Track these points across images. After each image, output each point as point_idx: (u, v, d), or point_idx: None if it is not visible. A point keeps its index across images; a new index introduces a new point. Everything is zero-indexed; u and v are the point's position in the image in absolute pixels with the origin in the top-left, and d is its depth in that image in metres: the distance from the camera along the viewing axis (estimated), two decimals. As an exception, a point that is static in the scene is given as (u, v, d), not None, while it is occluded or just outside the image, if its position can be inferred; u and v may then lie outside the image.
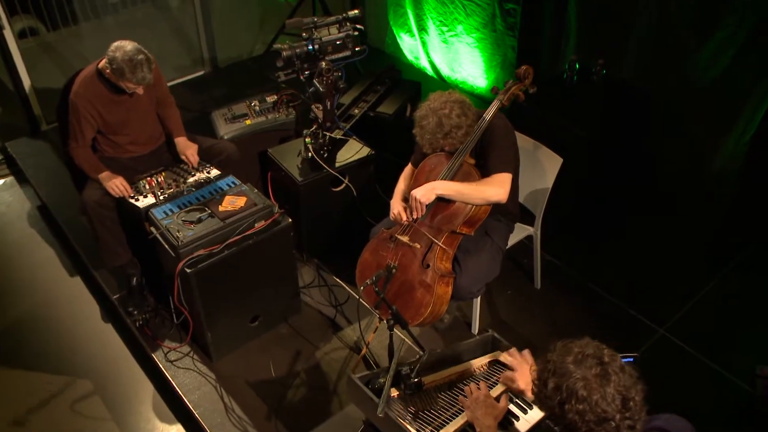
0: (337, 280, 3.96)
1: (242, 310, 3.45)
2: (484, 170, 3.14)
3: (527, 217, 3.63)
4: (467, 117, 3.06)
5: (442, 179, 3.11)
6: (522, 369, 2.45)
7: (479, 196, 3.05)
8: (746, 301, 3.99)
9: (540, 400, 1.83)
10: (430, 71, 5.88)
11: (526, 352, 2.54)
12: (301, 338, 3.62)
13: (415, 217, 3.14)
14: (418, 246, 3.17)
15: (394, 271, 3.15)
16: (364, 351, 3.40)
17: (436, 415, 2.37)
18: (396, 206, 3.28)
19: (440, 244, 3.12)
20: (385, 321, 2.92)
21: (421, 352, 2.49)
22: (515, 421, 2.40)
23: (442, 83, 5.75)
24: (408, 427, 2.28)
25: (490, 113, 3.10)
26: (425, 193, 3.08)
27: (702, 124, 4.25)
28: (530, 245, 3.77)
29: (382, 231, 3.35)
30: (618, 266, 4.14)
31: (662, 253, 4.22)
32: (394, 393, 2.42)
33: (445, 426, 2.31)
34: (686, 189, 4.49)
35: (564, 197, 3.63)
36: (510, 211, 3.41)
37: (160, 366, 3.42)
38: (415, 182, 3.23)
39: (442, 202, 3.13)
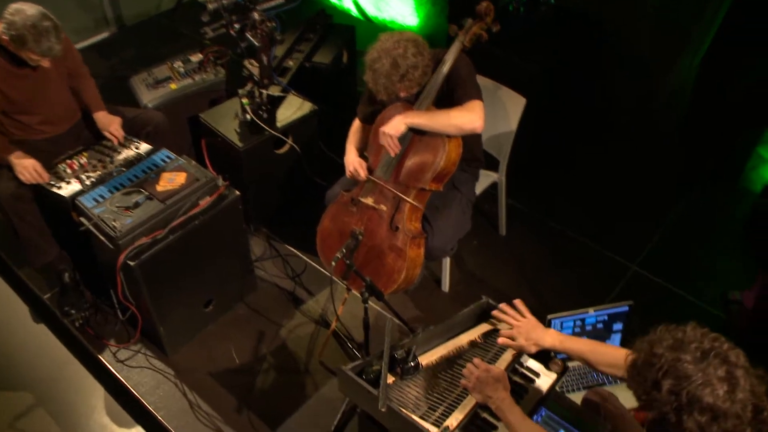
0: (291, 249, 3.67)
1: (194, 296, 3.12)
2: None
3: (490, 164, 3.42)
4: (423, 56, 2.76)
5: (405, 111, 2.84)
6: (518, 324, 2.24)
7: (454, 123, 2.79)
8: (711, 227, 3.96)
9: (645, 401, 1.58)
10: (354, 12, 5.51)
11: (518, 303, 2.33)
12: (261, 317, 3.33)
13: (393, 154, 2.86)
14: (385, 208, 2.91)
15: (360, 237, 2.91)
16: (333, 325, 3.15)
17: (440, 399, 2.16)
18: (352, 162, 2.99)
19: (410, 201, 2.87)
20: (355, 293, 2.69)
21: (407, 326, 2.28)
22: (528, 389, 2.23)
23: (369, 25, 5.40)
24: (413, 417, 2.06)
25: (450, 57, 2.82)
26: (395, 125, 2.80)
27: (652, 49, 4.12)
28: (492, 192, 3.56)
29: (342, 194, 3.06)
30: (583, 205, 4.02)
31: (626, 187, 4.13)
32: (390, 380, 2.19)
33: (453, 411, 2.10)
34: (641, 116, 4.39)
35: (525, 138, 3.43)
36: (476, 158, 3.18)
37: (110, 367, 3.07)
38: (376, 137, 2.93)
39: (408, 157, 2.86)
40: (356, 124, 3.19)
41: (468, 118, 2.79)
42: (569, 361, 2.27)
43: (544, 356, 2.29)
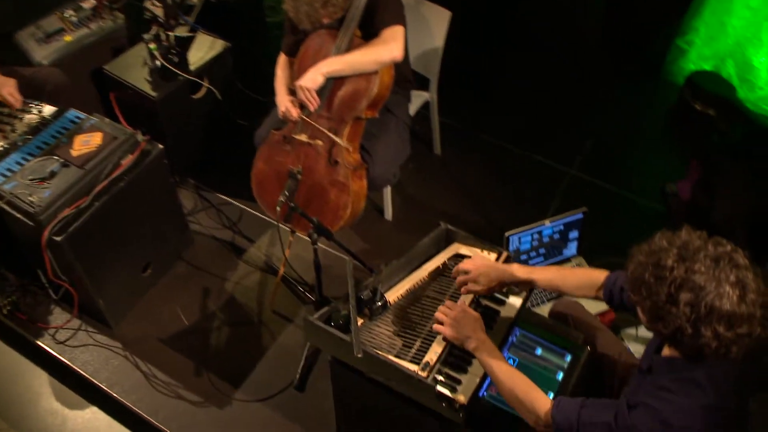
0: (223, 197, 3.48)
1: (131, 262, 2.92)
2: (374, 37, 2.72)
3: (420, 83, 3.29)
4: None
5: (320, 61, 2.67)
6: (476, 266, 2.14)
7: (372, 59, 2.64)
8: (640, 123, 4.00)
9: (658, 316, 1.51)
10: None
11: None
12: (203, 273, 3.16)
13: (311, 109, 2.70)
14: (321, 142, 2.76)
15: (299, 176, 2.75)
16: (281, 271, 3.02)
17: (414, 334, 2.09)
18: (283, 102, 2.80)
19: (346, 134, 2.73)
20: (300, 234, 2.57)
21: (360, 262, 2.18)
22: (500, 312, 2.19)
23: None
24: (391, 357, 1.99)
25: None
26: (311, 77, 2.63)
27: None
28: (424, 112, 3.45)
29: (272, 133, 2.89)
30: (516, 115, 3.97)
31: (555, 93, 4.10)
32: (359, 322, 2.09)
33: (430, 344, 2.04)
34: (564, 20, 4.34)
35: (453, 53, 3.31)
36: (406, 79, 3.04)
37: (51, 351, 2.86)
38: (300, 73, 2.75)
39: (339, 87, 2.70)
40: (282, 59, 2.98)
41: (386, 49, 2.64)
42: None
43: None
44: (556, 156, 3.71)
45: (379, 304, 2.13)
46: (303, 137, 2.77)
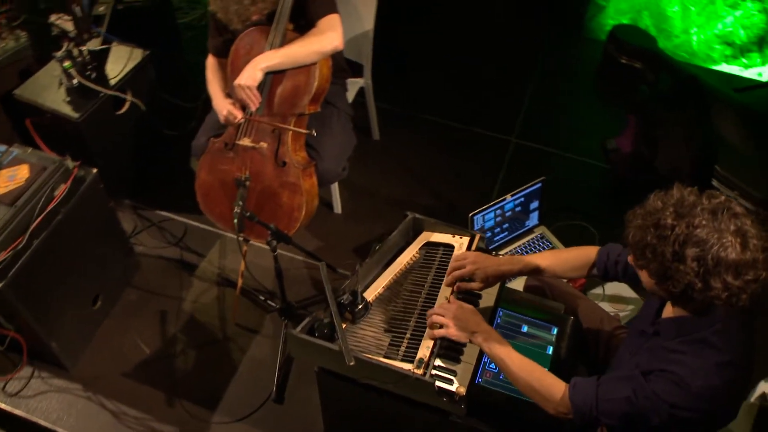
0: (164, 213, 3.31)
1: (79, 297, 2.73)
2: (307, 30, 2.61)
3: (353, 70, 3.20)
4: None
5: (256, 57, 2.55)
6: (472, 259, 2.08)
7: (312, 50, 2.53)
8: (570, 83, 4.04)
9: (665, 274, 1.49)
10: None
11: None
12: (156, 296, 3.01)
13: (253, 108, 2.57)
14: (265, 144, 2.64)
15: (247, 183, 2.64)
16: (240, 283, 2.89)
17: (400, 331, 2.04)
18: (223, 106, 2.66)
19: (291, 130, 2.61)
20: (256, 242, 2.47)
21: (325, 265, 2.10)
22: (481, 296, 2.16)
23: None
24: (382, 360, 1.93)
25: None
26: (249, 75, 2.51)
27: None
28: (360, 98, 3.36)
29: (212, 141, 2.74)
30: (449, 92, 3.95)
31: (485, 64, 4.09)
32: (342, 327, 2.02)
33: (419, 340, 1.98)
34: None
35: (383, 36, 3.23)
36: (342, 68, 2.95)
37: (3, 406, 2.65)
38: (234, 73, 2.62)
39: (278, 85, 2.59)
40: (211, 61, 2.83)
41: (326, 39, 2.53)
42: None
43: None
44: (495, 127, 3.71)
45: (360, 306, 2.06)
46: (246, 141, 2.64)
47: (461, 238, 2.26)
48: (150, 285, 3.03)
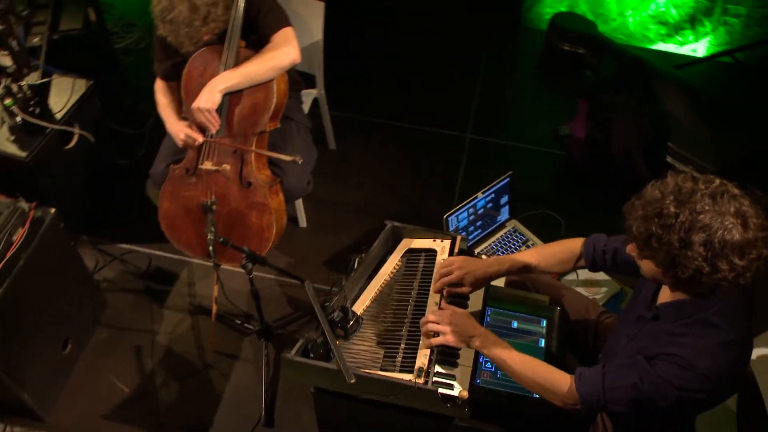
0: (125, 246, 3.20)
1: (48, 343, 2.62)
2: (260, 46, 2.56)
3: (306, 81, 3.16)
4: None
5: (213, 79, 2.49)
6: (459, 264, 2.08)
7: (270, 66, 2.48)
8: (517, 74, 4.08)
9: (673, 262, 1.49)
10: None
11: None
12: (128, 332, 2.91)
13: (214, 131, 2.51)
14: (228, 166, 2.58)
15: (214, 207, 2.58)
16: (214, 309, 2.81)
17: (394, 342, 2.02)
18: (180, 130, 2.58)
19: (253, 150, 2.57)
20: (228, 267, 2.42)
21: (310, 284, 2.07)
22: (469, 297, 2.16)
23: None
24: (380, 373, 1.91)
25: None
26: (208, 97, 2.44)
27: None
28: (314, 109, 3.32)
29: (172, 168, 2.67)
30: (401, 94, 3.94)
31: (434, 62, 4.11)
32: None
33: (415, 349, 1.98)
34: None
35: (333, 44, 3.20)
36: (296, 80, 2.90)
37: (-21, 466, 2.53)
38: (189, 96, 2.55)
39: (236, 104, 2.53)
40: (160, 84, 2.75)
41: (283, 54, 2.49)
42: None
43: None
44: (449, 124, 3.72)
45: (352, 321, 2.03)
46: (208, 165, 2.58)
47: (442, 241, 2.26)
48: (120, 321, 2.93)
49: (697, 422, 1.97)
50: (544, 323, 2.14)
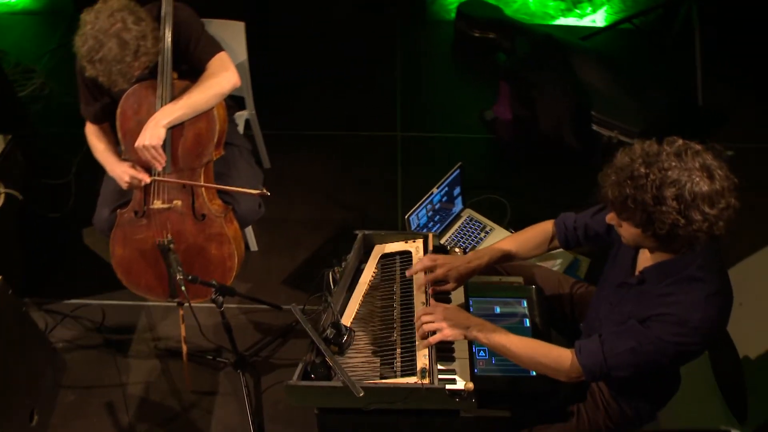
0: (74, 301, 3.04)
1: (14, 419, 2.46)
2: (193, 75, 2.51)
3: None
4: (144, 20, 2.28)
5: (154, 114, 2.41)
6: (444, 262, 2.13)
7: (212, 93, 2.43)
8: (433, 66, 4.15)
9: (651, 219, 1.56)
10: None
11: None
12: (96, 390, 2.77)
13: (160, 168, 2.43)
14: (180, 202, 2.52)
15: (171, 246, 2.50)
16: (185, 350, 2.73)
17: (389, 347, 2.03)
18: (124, 171, 2.47)
19: (203, 184, 2.51)
20: (195, 304, 2.38)
21: (296, 306, 2.06)
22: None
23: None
24: (384, 381, 1.91)
25: (168, 11, 2.39)
26: (153, 134, 2.36)
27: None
28: (247, 130, 3.27)
29: (119, 214, 2.57)
30: (327, 102, 3.96)
31: (351, 66, 4.15)
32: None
33: (412, 351, 2.00)
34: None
35: (257, 62, 3.17)
36: (228, 104, 2.84)
37: None
38: (128, 137, 2.46)
39: (178, 137, 2.46)
40: (91, 128, 2.63)
41: (223, 79, 2.45)
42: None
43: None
44: (379, 126, 3.76)
45: (346, 336, 2.02)
46: (158, 204, 2.50)
47: (414, 241, 2.29)
48: (85, 380, 2.79)
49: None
50: (525, 303, 2.21)
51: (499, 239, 2.78)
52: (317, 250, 3.24)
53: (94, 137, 2.62)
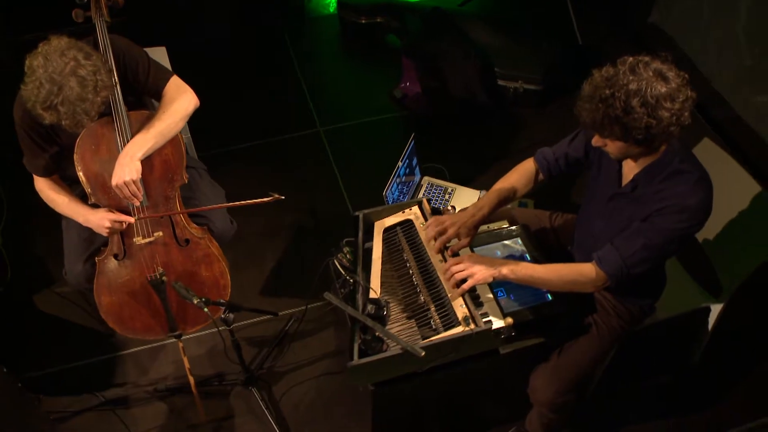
0: (54, 369, 2.89)
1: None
2: (139, 106, 2.47)
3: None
4: (92, 54, 2.19)
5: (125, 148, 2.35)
6: (451, 221, 2.25)
7: (178, 117, 2.40)
8: (331, 59, 4.25)
9: (627, 128, 1.78)
10: None
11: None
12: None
13: (138, 203, 2.37)
14: (162, 233, 2.48)
15: (164, 278, 2.48)
16: (192, 380, 2.68)
17: (422, 308, 2.16)
18: (102, 218, 2.38)
19: (179, 211, 2.49)
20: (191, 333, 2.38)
21: (325, 295, 2.12)
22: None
23: None
24: (437, 336, 2.04)
25: (107, 45, 2.34)
26: (130, 168, 2.29)
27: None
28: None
29: (99, 261, 2.47)
30: (245, 112, 3.98)
31: (255, 74, 4.17)
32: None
33: (446, 306, 2.13)
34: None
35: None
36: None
37: None
38: (97, 180, 2.37)
39: (148, 169, 2.40)
40: (44, 183, 2.49)
41: (185, 101, 2.43)
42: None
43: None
44: (300, 125, 3.82)
45: (385, 309, 2.12)
46: (140, 240, 2.44)
47: (410, 210, 2.40)
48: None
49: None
50: (520, 241, 2.40)
51: (464, 195, 2.99)
52: (281, 258, 3.28)
53: (51, 191, 2.49)
